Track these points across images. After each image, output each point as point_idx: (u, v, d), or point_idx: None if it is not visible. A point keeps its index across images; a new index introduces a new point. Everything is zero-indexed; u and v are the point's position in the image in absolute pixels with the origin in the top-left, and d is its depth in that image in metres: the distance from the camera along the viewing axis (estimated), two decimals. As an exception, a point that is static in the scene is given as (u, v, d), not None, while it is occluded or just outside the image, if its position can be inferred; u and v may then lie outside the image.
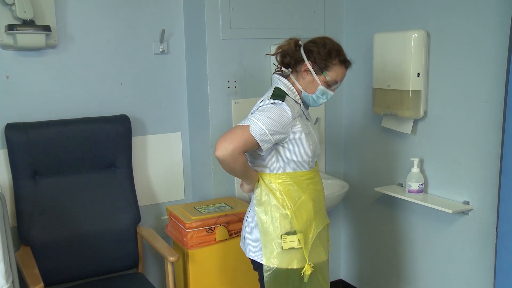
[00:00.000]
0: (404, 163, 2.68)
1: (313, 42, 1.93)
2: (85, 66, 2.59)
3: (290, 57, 1.95)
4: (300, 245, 1.90)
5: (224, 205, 2.57)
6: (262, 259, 1.92)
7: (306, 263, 1.90)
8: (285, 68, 1.99)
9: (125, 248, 2.56)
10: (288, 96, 1.89)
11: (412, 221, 2.69)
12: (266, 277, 1.90)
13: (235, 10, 2.65)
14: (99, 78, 2.63)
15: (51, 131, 2.42)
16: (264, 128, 1.77)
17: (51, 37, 2.43)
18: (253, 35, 2.72)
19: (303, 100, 1.98)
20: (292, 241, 1.89)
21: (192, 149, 2.91)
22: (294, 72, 1.97)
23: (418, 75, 2.44)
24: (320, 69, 1.90)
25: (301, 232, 1.90)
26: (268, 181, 1.92)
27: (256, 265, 1.98)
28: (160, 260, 2.86)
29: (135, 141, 2.73)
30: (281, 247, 1.89)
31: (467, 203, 2.37)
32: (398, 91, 2.51)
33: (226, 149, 1.75)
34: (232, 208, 2.52)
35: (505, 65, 2.10)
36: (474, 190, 2.33)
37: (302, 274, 1.90)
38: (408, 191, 2.54)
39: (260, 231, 1.93)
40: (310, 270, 1.90)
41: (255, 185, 1.95)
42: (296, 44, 1.96)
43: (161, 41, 2.72)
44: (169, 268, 2.32)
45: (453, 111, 2.39)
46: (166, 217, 2.67)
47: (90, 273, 2.50)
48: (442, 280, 2.57)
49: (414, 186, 2.52)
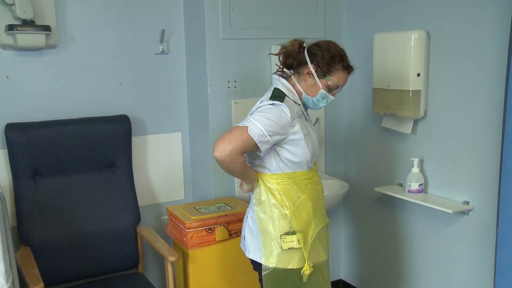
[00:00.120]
0: (404, 163, 2.67)
1: (318, 45, 1.92)
2: (85, 66, 2.59)
3: (293, 58, 1.94)
4: (300, 245, 1.90)
5: (224, 205, 2.57)
6: (261, 259, 1.92)
7: (305, 263, 1.90)
8: (287, 69, 1.99)
9: (125, 248, 2.56)
10: (287, 97, 1.88)
11: (412, 221, 2.69)
12: (264, 276, 1.90)
13: (235, 10, 2.65)
14: (99, 78, 2.63)
15: (51, 131, 2.42)
16: (263, 129, 1.77)
17: (51, 37, 2.43)
18: (253, 35, 2.72)
19: (303, 102, 1.97)
20: (292, 241, 1.89)
21: (192, 149, 2.91)
22: (296, 74, 1.96)
23: (418, 75, 2.43)
24: (322, 73, 1.90)
25: (301, 232, 1.90)
26: (267, 181, 1.92)
27: (256, 265, 1.98)
28: (160, 260, 2.86)
29: (135, 141, 2.73)
30: (280, 247, 1.89)
31: (467, 203, 2.37)
32: (398, 91, 2.51)
33: (224, 150, 1.75)
34: (232, 208, 2.52)
35: (505, 65, 2.09)
36: (474, 190, 2.33)
37: (301, 274, 1.90)
38: (408, 191, 2.54)
39: (259, 231, 1.93)
40: (310, 270, 1.90)
41: (255, 185, 1.95)
42: (300, 45, 1.95)
43: (161, 41, 2.72)
44: (169, 268, 2.32)
45: (453, 111, 2.38)
46: (166, 217, 2.67)
47: (90, 273, 2.50)
48: (442, 280, 2.57)
49: (414, 186, 2.52)
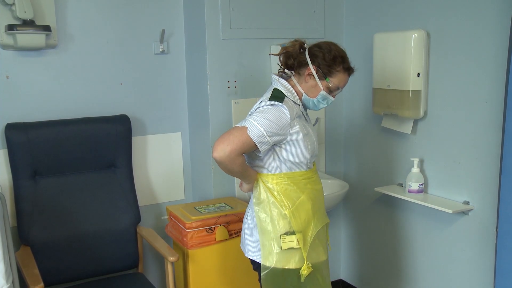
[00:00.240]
0: (404, 163, 2.67)
1: (319, 46, 1.91)
2: (85, 66, 2.59)
3: (294, 59, 1.93)
4: (299, 245, 1.90)
5: (224, 205, 2.57)
6: (261, 258, 1.91)
7: (304, 263, 1.90)
8: (288, 70, 1.98)
9: (125, 248, 2.56)
10: (286, 97, 1.88)
11: (412, 221, 2.69)
12: (263, 276, 1.90)
13: (235, 10, 2.65)
14: (99, 78, 2.63)
15: (51, 131, 2.42)
16: (262, 130, 1.76)
17: (51, 37, 2.43)
18: (253, 35, 2.72)
19: (303, 103, 1.97)
20: (291, 241, 1.89)
21: (192, 149, 2.91)
22: (297, 75, 1.95)
23: (418, 75, 2.43)
24: (323, 74, 1.89)
25: (300, 232, 1.90)
26: (266, 181, 1.92)
27: (255, 265, 1.98)
28: (160, 260, 2.86)
29: (135, 141, 2.73)
30: (280, 247, 1.89)
31: (467, 203, 2.37)
32: (398, 91, 2.51)
33: (223, 151, 1.75)
34: (232, 208, 2.52)
35: (505, 65, 2.09)
36: (474, 190, 2.33)
37: (300, 274, 1.90)
38: (408, 191, 2.54)
39: (259, 231, 1.93)
40: (308, 270, 1.90)
41: (254, 185, 1.95)
42: (301, 46, 1.94)
43: (161, 41, 2.72)
44: (169, 268, 2.32)
45: (453, 111, 2.38)
46: (166, 217, 2.67)
47: (90, 273, 2.50)
48: (442, 280, 2.57)
49: (414, 186, 2.52)
